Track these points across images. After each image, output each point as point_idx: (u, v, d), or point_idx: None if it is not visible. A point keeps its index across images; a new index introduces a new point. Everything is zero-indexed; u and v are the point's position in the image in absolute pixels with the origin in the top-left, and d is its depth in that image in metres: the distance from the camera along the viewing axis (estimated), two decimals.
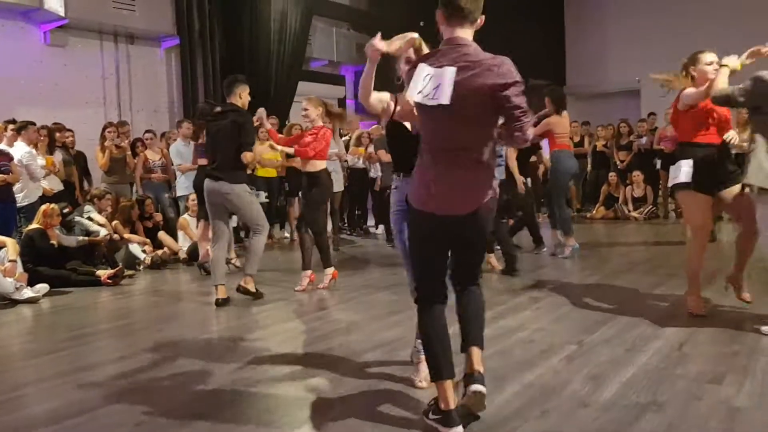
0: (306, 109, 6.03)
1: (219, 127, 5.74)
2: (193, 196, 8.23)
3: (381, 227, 10.18)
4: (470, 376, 2.88)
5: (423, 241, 2.91)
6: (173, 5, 10.82)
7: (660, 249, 8.03)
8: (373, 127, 10.54)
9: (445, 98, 2.63)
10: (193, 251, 7.92)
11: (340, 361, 3.94)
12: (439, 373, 2.83)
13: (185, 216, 8.26)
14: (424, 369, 3.29)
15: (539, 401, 3.14)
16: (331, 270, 6.21)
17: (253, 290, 5.79)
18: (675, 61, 4.76)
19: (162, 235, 8.16)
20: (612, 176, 11.54)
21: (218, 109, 5.92)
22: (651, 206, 11.13)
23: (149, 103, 10.93)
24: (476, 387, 2.83)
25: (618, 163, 11.58)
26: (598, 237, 9.47)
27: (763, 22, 14.02)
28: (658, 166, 11.02)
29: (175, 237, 8.25)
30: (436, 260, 2.93)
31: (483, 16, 2.82)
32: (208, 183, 5.76)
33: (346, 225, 10.77)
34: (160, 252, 7.88)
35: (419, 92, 2.72)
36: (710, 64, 4.43)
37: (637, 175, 11.14)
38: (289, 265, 7.50)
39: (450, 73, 2.65)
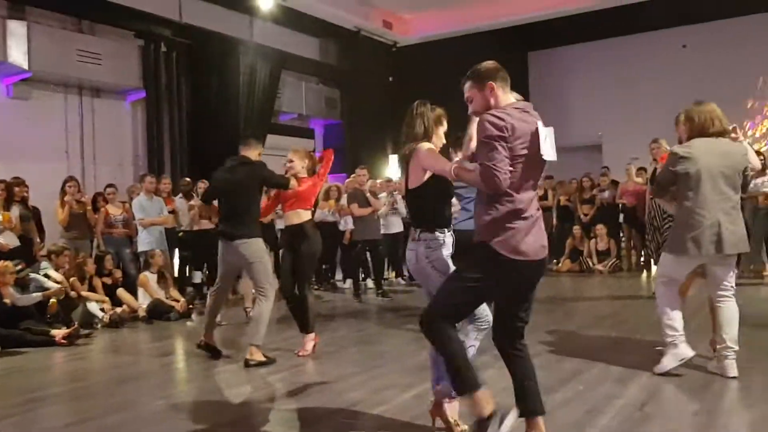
0: (291, 161, 5.72)
1: (230, 181, 5.53)
2: (158, 252, 8.12)
3: (349, 281, 10.10)
4: None
5: (488, 289, 3.09)
6: (140, 59, 10.87)
7: (624, 303, 8.07)
8: (348, 180, 10.57)
9: (554, 154, 3.05)
10: (152, 309, 7.75)
11: (305, 423, 3.84)
12: (472, 385, 2.99)
13: (145, 273, 8.10)
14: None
15: None
16: (313, 335, 5.80)
17: (263, 359, 5.33)
18: (635, 116, 4.90)
19: (121, 292, 7.97)
20: (576, 230, 11.67)
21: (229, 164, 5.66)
22: (615, 259, 11.25)
23: (113, 156, 10.86)
24: None
25: (582, 216, 11.73)
26: (564, 290, 9.51)
27: (722, 82, 14.55)
28: (621, 219, 11.19)
29: (135, 294, 8.07)
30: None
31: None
32: (221, 242, 5.54)
33: (313, 279, 10.66)
34: (119, 310, 7.69)
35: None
36: None
37: (601, 228, 11.29)
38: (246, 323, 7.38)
39: (551, 130, 3.07)
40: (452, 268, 3.37)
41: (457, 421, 3.46)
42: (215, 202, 5.87)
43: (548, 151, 3.02)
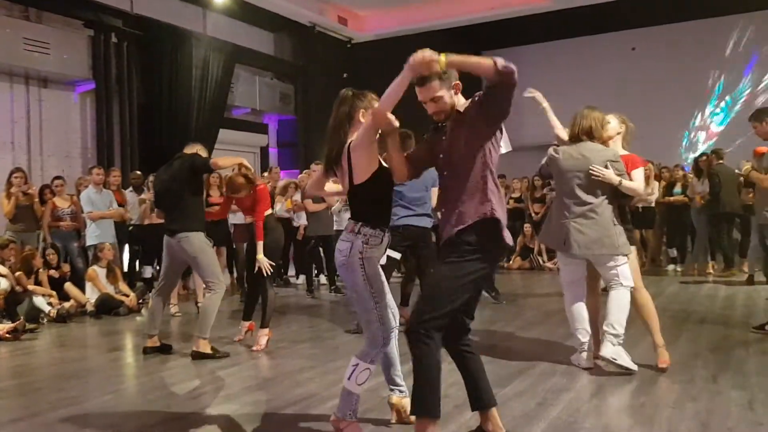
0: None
1: (163, 178, 5.60)
2: (107, 246, 7.95)
3: (302, 277, 10.06)
4: None
5: (485, 277, 3.11)
6: (89, 49, 10.62)
7: None
8: (301, 175, 10.50)
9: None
10: (101, 303, 7.59)
11: (254, 417, 3.82)
12: (433, 412, 2.99)
13: (94, 267, 7.93)
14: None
15: None
16: (267, 330, 5.78)
17: (210, 351, 5.38)
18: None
19: (69, 286, 7.78)
20: (527, 228, 11.86)
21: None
22: None
23: (61, 148, 10.59)
24: None
25: (533, 215, 11.92)
26: (515, 287, 9.65)
27: (670, 84, 14.97)
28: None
29: (82, 288, 7.89)
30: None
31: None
32: (165, 239, 5.51)
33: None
34: (66, 304, 7.51)
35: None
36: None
37: None
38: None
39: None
40: (380, 277, 3.30)
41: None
42: None
43: (506, 143, 3.14)
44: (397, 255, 6.04)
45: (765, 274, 7.80)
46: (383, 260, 6.03)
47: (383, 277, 3.37)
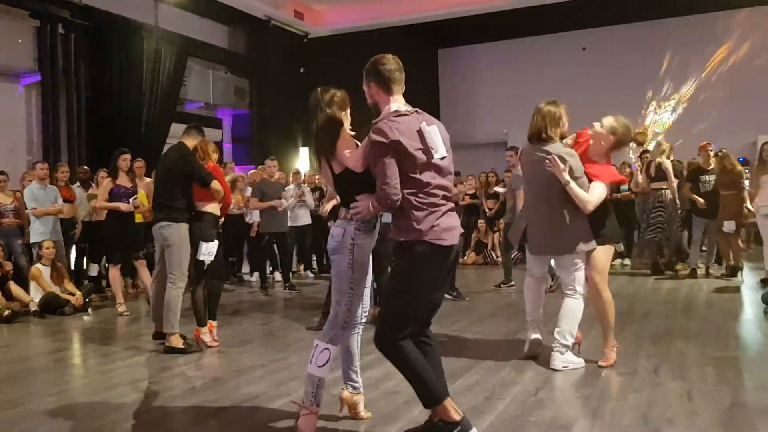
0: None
1: (161, 164, 5.76)
2: (48, 243, 7.74)
3: (256, 274, 9.97)
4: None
5: (438, 279, 3.19)
6: (35, 40, 10.35)
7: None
8: (251, 172, 10.40)
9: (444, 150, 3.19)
10: (45, 303, 7.40)
11: (201, 417, 3.77)
12: (439, 396, 3.15)
13: (38, 265, 7.71)
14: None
15: None
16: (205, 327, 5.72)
17: (181, 346, 5.39)
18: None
19: (12, 285, 7.56)
20: (481, 223, 11.97)
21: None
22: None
23: (5, 142, 10.29)
24: None
25: (486, 210, 12.03)
26: (469, 282, 9.72)
27: (619, 82, 15.30)
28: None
29: (26, 288, 7.66)
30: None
31: None
32: (154, 227, 5.62)
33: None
34: (10, 304, 7.29)
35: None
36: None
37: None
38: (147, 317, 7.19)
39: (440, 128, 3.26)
40: (364, 268, 3.34)
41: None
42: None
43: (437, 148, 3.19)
44: None
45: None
46: None
47: (368, 268, 3.43)
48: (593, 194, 4.44)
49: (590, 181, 4.50)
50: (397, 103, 3.22)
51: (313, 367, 3.32)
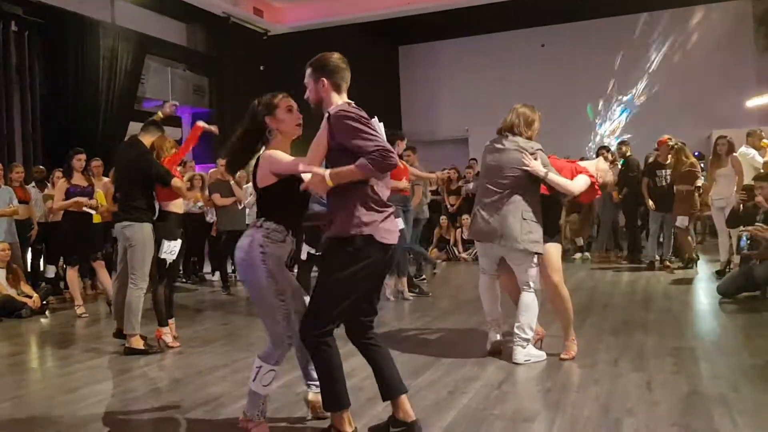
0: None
1: (118, 163, 5.73)
2: (3, 245, 7.55)
3: (217, 274, 9.85)
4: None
5: (372, 275, 3.14)
6: None
7: None
8: (212, 170, 10.26)
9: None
10: (1, 306, 7.21)
11: (162, 419, 3.72)
12: (342, 403, 3.16)
13: None
14: None
15: None
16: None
17: (142, 347, 5.32)
18: (499, 111, 5.09)
19: None
20: (443, 219, 12.04)
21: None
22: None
23: None
24: None
25: (448, 206, 12.10)
26: (430, 278, 9.78)
27: (577, 79, 15.52)
28: None
29: None
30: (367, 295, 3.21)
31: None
32: (116, 226, 5.54)
33: (181, 272, 10.30)
34: None
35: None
36: None
37: (466, 219, 11.67)
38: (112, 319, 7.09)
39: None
40: (285, 274, 3.26)
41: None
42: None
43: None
44: (313, 251, 6.02)
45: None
46: (303, 255, 5.98)
47: (289, 276, 3.34)
48: (577, 181, 4.71)
49: (578, 173, 4.77)
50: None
51: (257, 385, 3.25)
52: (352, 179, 3.02)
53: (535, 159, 4.54)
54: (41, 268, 8.91)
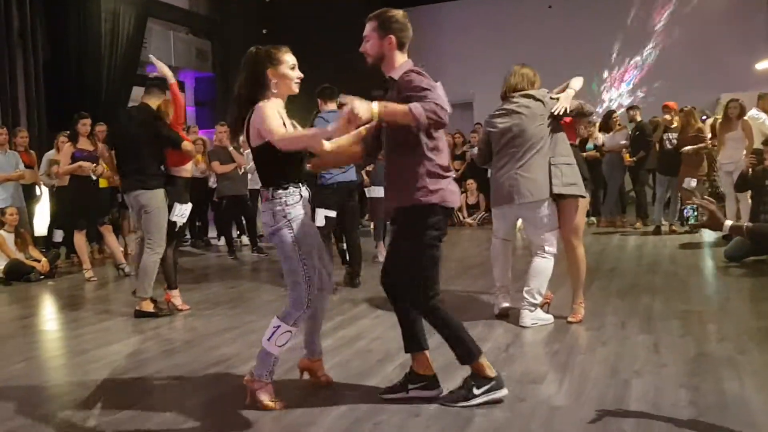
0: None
1: (124, 130, 5.56)
2: (11, 210, 7.56)
3: (222, 239, 9.86)
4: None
5: (443, 236, 3.24)
6: None
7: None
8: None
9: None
10: (10, 270, 7.26)
11: (174, 380, 3.76)
12: (476, 352, 3.23)
13: (1, 232, 7.53)
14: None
15: (372, 413, 3.17)
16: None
17: (152, 310, 5.37)
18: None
19: None
20: None
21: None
22: (484, 212, 11.67)
23: None
24: None
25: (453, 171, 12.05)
26: None
27: (582, 42, 15.31)
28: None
29: None
30: None
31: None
32: (126, 196, 5.51)
33: (188, 237, 10.33)
34: None
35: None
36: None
37: (471, 183, 11.67)
38: (121, 282, 7.13)
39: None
40: (309, 239, 3.24)
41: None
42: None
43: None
44: (332, 213, 6.01)
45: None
46: (321, 221, 6.00)
47: (313, 239, 3.32)
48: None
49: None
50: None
51: (271, 345, 3.22)
52: (397, 120, 2.98)
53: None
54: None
